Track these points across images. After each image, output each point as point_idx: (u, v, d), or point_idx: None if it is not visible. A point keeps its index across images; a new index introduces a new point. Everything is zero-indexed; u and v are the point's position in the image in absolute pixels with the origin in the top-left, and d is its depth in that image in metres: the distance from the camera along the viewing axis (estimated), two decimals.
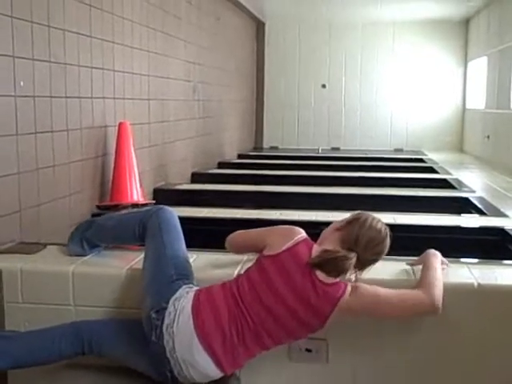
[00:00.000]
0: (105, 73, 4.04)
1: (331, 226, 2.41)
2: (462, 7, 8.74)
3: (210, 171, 6.35)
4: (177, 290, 2.30)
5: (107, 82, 4.08)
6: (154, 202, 4.26)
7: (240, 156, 8.37)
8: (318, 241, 2.37)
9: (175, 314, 2.23)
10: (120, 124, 4.02)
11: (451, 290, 2.37)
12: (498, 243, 3.46)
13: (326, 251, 2.24)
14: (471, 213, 4.32)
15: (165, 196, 4.89)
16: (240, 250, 2.57)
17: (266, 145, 10.18)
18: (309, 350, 2.48)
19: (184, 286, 2.33)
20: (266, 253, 2.30)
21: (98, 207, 3.88)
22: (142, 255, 2.51)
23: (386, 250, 2.33)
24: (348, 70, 10.03)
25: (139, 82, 4.70)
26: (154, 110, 5.03)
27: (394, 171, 6.34)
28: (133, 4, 4.54)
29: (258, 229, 2.49)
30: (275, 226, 2.43)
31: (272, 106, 10.18)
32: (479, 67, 8.93)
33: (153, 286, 2.36)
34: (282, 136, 10.17)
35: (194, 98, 6.30)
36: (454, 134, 9.79)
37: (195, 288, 2.35)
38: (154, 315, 2.24)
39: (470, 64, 9.66)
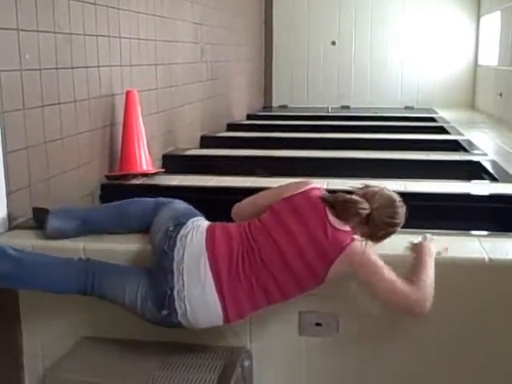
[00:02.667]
0: (111, 40, 3.98)
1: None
2: None
3: (219, 134, 6.31)
4: (195, 216, 2.42)
5: (113, 50, 4.02)
6: (163, 170, 4.24)
7: (249, 116, 8.30)
8: None
9: (191, 228, 2.32)
10: (127, 92, 3.98)
11: (461, 265, 2.38)
12: (510, 211, 3.43)
13: (334, 195, 2.31)
14: (483, 178, 4.28)
15: (174, 162, 4.87)
16: (252, 214, 2.48)
17: (275, 104, 10.07)
18: (319, 324, 2.50)
19: (202, 218, 2.45)
20: (283, 196, 2.38)
21: (108, 177, 3.88)
22: None
23: (400, 221, 2.33)
24: (358, 26, 9.83)
25: (146, 47, 4.63)
26: (161, 75, 4.97)
27: (404, 132, 6.27)
28: None
29: (267, 190, 2.56)
30: (290, 182, 2.49)
31: (281, 65, 10.04)
32: (492, 22, 8.73)
33: (173, 213, 2.42)
34: (291, 94, 10.05)
35: (201, 60, 6.22)
36: (466, 90, 9.64)
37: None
38: (171, 227, 2.33)
39: (482, 19, 9.44)
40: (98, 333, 2.66)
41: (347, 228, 2.28)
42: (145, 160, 3.94)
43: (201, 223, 2.38)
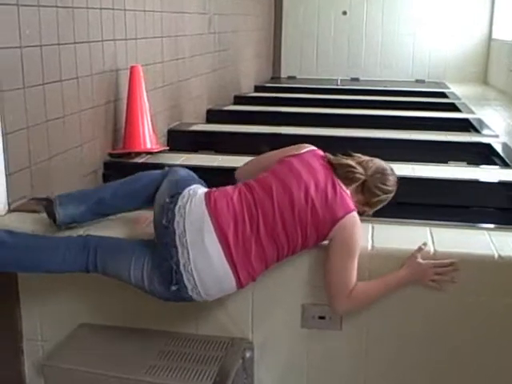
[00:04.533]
0: (115, 13, 3.87)
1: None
2: None
3: (226, 108, 6.21)
4: (193, 184, 2.34)
5: (118, 23, 3.91)
6: (167, 148, 4.16)
7: (257, 88, 8.17)
8: None
9: (188, 197, 2.24)
10: (132, 68, 3.89)
11: (470, 261, 2.31)
12: None
13: (337, 158, 2.39)
14: (494, 161, 4.19)
15: (179, 138, 4.79)
16: (252, 173, 2.47)
17: (283, 74, 9.92)
18: (322, 318, 2.45)
19: (200, 185, 2.38)
20: (287, 154, 2.41)
21: (111, 155, 3.81)
22: None
23: (392, 189, 2.44)
24: None
25: (152, 19, 4.51)
26: (167, 48, 4.86)
27: (414, 109, 6.15)
28: None
29: (270, 152, 2.58)
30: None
31: (290, 34, 9.85)
32: None
33: (169, 185, 2.35)
34: (300, 65, 9.88)
35: (209, 31, 6.09)
36: (478, 64, 9.45)
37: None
38: (167, 200, 2.24)
39: None
40: (97, 319, 2.62)
41: (349, 193, 2.34)
42: (149, 138, 3.87)
43: (198, 190, 2.30)
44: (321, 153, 2.43)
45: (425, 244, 2.35)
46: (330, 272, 2.28)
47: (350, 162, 2.38)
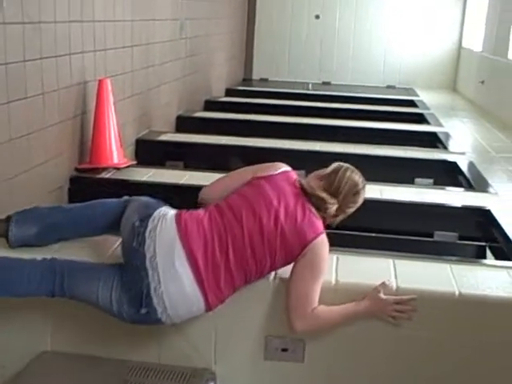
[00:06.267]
0: (84, 25, 3.81)
1: (312, 174, 2.51)
2: None
3: (195, 115, 6.17)
4: (162, 207, 2.33)
5: (87, 35, 3.85)
6: (134, 162, 4.12)
7: (228, 91, 8.14)
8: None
9: (159, 219, 2.23)
10: (99, 81, 3.84)
11: (431, 298, 2.34)
12: (483, 225, 3.41)
13: (311, 187, 2.36)
14: (459, 181, 4.25)
15: (147, 149, 4.77)
16: (219, 193, 2.46)
17: (255, 76, 9.89)
18: (285, 350, 2.46)
19: (169, 207, 2.36)
20: (258, 175, 2.39)
21: (77, 170, 3.76)
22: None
23: (362, 199, 2.46)
24: (343, 0, 9.63)
25: (122, 29, 4.46)
26: (137, 56, 4.81)
27: (383, 119, 6.21)
28: None
29: (236, 171, 2.57)
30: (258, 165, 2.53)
31: (263, 37, 9.83)
32: (479, 5, 8.61)
33: (138, 207, 2.34)
34: (272, 67, 9.87)
35: (180, 37, 6.04)
36: (448, 72, 9.56)
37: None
38: (137, 223, 2.23)
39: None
40: (59, 347, 2.58)
41: (319, 217, 2.35)
42: (116, 152, 3.84)
43: (168, 212, 2.29)
44: (293, 175, 2.43)
45: (389, 280, 2.37)
46: (293, 290, 2.29)
47: (323, 194, 2.35)
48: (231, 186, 2.44)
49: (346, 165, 2.47)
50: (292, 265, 2.32)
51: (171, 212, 2.30)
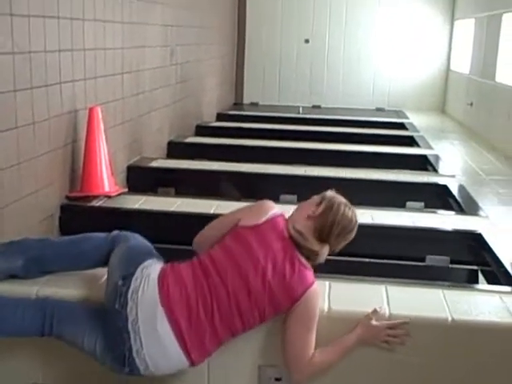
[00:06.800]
0: (74, 54, 3.82)
1: (301, 208, 2.42)
2: None
3: (187, 140, 6.18)
4: (145, 260, 2.29)
5: (77, 64, 3.87)
6: (126, 190, 4.12)
7: (219, 116, 8.19)
8: (289, 219, 2.39)
9: (141, 280, 2.20)
10: (90, 109, 3.85)
11: (423, 325, 2.34)
12: (475, 248, 3.42)
13: (301, 234, 2.28)
14: (450, 204, 4.26)
15: (139, 175, 4.77)
16: (209, 240, 2.42)
17: (246, 100, 9.97)
18: (278, 379, 2.44)
19: (153, 260, 2.33)
20: (243, 224, 2.30)
21: (68, 198, 3.75)
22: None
23: (353, 235, 2.38)
24: (332, 25, 9.76)
25: (112, 57, 4.48)
26: (128, 83, 4.83)
27: (374, 142, 6.24)
28: None
29: (224, 216, 2.51)
30: (246, 205, 2.47)
31: (253, 61, 9.92)
32: (466, 28, 8.72)
33: (122, 260, 2.32)
34: (262, 92, 9.96)
35: (171, 63, 6.08)
36: (437, 95, 9.66)
37: (163, 264, 2.34)
38: (120, 282, 2.20)
39: (456, 23, 9.44)
40: (49, 380, 2.55)
41: (309, 266, 2.31)
42: (107, 181, 3.83)
43: (151, 270, 2.24)
44: (281, 222, 2.33)
45: (381, 307, 2.36)
46: (289, 343, 2.27)
47: (316, 247, 2.30)
48: (218, 233, 2.39)
49: (338, 200, 2.38)
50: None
51: (154, 270, 2.25)
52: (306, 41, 9.83)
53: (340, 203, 2.36)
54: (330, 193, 2.43)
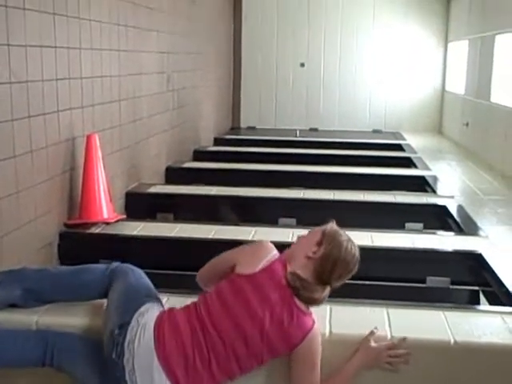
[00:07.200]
0: (71, 82, 3.85)
1: (300, 245, 2.35)
2: None
3: (185, 165, 6.20)
4: (142, 305, 2.27)
5: (74, 92, 3.89)
6: (124, 216, 4.12)
7: (216, 141, 8.22)
8: (287, 257, 2.32)
9: (137, 330, 2.18)
10: (88, 137, 3.86)
11: (426, 347, 2.32)
12: (475, 269, 3.41)
13: (301, 279, 2.23)
14: (449, 224, 4.26)
15: (137, 201, 4.77)
16: (210, 277, 2.43)
17: (243, 125, 10.01)
18: None
19: (150, 303, 2.30)
20: (239, 271, 2.25)
21: (67, 225, 3.75)
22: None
23: (354, 272, 2.32)
24: (327, 48, 9.85)
25: (109, 84, 4.51)
26: (125, 110, 4.85)
27: (372, 164, 6.26)
28: (101, 3, 4.32)
29: (223, 255, 2.45)
30: (245, 245, 2.42)
31: (249, 86, 9.99)
32: (460, 50, 8.80)
33: (120, 303, 2.31)
34: (259, 116, 10.01)
35: (167, 89, 6.11)
36: (433, 115, 9.72)
37: (160, 308, 2.33)
38: (116, 331, 2.19)
39: (450, 45, 9.52)
40: None
41: (309, 311, 2.27)
42: (106, 207, 3.83)
43: (147, 318, 2.22)
44: (279, 270, 2.25)
45: (376, 328, 2.35)
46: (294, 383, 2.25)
47: (317, 294, 2.24)
48: (219, 272, 2.38)
49: (340, 238, 2.29)
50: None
51: (151, 319, 2.23)
52: (302, 64, 9.91)
53: (342, 241, 2.28)
54: (331, 229, 2.34)
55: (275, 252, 2.32)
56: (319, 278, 2.26)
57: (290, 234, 3.74)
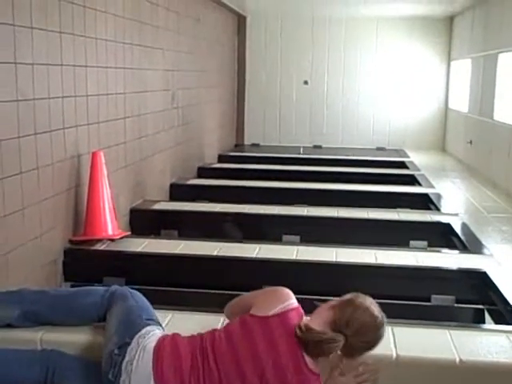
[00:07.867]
0: (77, 100, 3.88)
1: (328, 302, 2.26)
2: (447, 6, 8.61)
3: (189, 182, 6.22)
4: (143, 327, 2.26)
5: (80, 109, 3.92)
6: (129, 233, 4.13)
7: (220, 158, 8.25)
8: (312, 314, 2.25)
9: (136, 351, 2.17)
10: (93, 154, 3.88)
11: (432, 366, 2.32)
12: (480, 287, 3.40)
13: (311, 330, 2.12)
14: (453, 242, 4.26)
15: (142, 218, 4.78)
16: (234, 311, 2.39)
17: (247, 142, 10.05)
18: None
19: (151, 326, 2.29)
20: (253, 312, 2.20)
21: (71, 242, 3.76)
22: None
23: (380, 340, 2.17)
24: (331, 66, 9.91)
25: (114, 102, 4.54)
26: (130, 127, 4.88)
27: (375, 181, 6.26)
28: (107, 22, 4.37)
29: (241, 297, 2.41)
30: (266, 288, 2.35)
31: (253, 103, 10.04)
32: (463, 68, 8.84)
33: (120, 325, 2.30)
34: (263, 133, 10.05)
35: (172, 107, 6.15)
36: (436, 133, 9.74)
37: (162, 332, 2.32)
38: (116, 351, 2.18)
39: (453, 63, 9.57)
40: None
41: (317, 369, 2.15)
42: (110, 224, 3.84)
43: (147, 341, 2.21)
44: (294, 318, 2.17)
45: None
46: None
47: (324, 335, 2.11)
48: (242, 304, 2.34)
49: (365, 296, 2.24)
50: None
51: (151, 341, 2.22)
52: (305, 82, 9.96)
53: (365, 299, 2.22)
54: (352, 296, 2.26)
55: (293, 301, 2.24)
56: (336, 323, 2.14)
57: (294, 251, 3.75)
